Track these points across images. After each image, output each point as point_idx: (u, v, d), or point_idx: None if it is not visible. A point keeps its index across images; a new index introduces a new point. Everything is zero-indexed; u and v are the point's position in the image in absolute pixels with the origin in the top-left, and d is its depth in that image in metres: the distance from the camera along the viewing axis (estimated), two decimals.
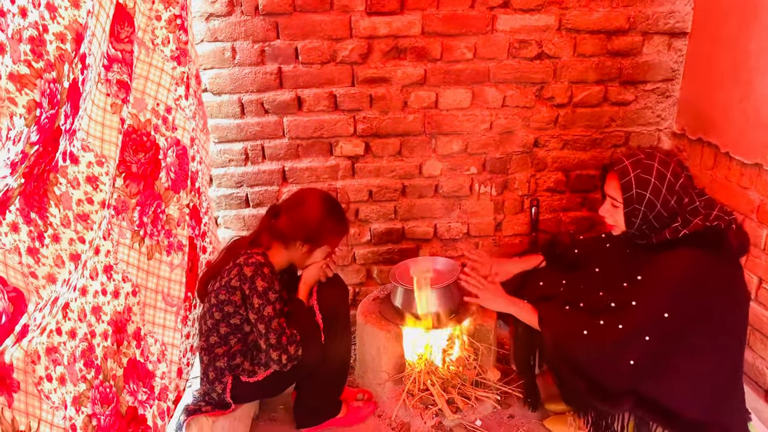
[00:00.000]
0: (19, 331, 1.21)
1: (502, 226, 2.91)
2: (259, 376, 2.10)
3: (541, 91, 2.66)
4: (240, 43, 2.48)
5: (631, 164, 1.84)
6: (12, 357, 1.26)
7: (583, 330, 1.91)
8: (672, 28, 2.59)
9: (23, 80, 1.11)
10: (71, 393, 1.46)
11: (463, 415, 2.34)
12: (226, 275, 2.05)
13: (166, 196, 1.91)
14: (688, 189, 1.83)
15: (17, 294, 1.20)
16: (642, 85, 2.69)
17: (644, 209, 1.83)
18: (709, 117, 2.50)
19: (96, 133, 1.55)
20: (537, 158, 2.79)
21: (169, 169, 1.90)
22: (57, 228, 1.40)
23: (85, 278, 1.54)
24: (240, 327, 2.09)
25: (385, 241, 2.90)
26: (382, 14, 2.47)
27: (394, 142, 2.71)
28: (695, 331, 1.81)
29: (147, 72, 1.80)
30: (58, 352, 1.41)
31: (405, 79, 2.59)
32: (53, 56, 1.19)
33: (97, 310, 1.60)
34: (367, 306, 2.65)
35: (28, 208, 1.31)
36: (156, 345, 1.93)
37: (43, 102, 1.16)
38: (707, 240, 1.79)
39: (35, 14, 1.16)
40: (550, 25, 2.55)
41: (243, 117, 2.61)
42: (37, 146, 1.20)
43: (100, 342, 1.61)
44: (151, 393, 1.86)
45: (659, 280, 1.84)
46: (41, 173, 1.34)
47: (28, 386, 1.30)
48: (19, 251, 1.26)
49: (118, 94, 1.62)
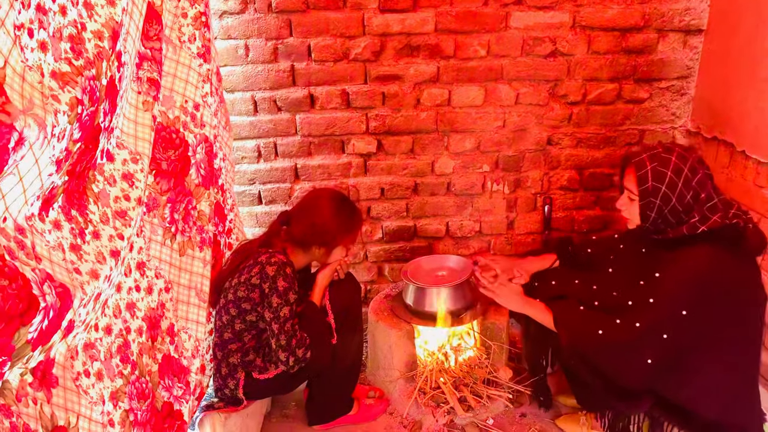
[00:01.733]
0: (65, 326, 1.23)
1: (515, 224, 2.90)
2: (270, 373, 2.10)
3: (555, 88, 2.65)
4: (253, 40, 2.49)
5: (648, 157, 1.83)
6: (56, 352, 1.28)
7: (599, 329, 1.90)
8: (687, 25, 2.56)
9: (65, 78, 1.12)
10: (108, 388, 1.48)
11: (475, 414, 2.34)
12: (245, 272, 2.06)
13: (196, 192, 1.92)
14: (706, 185, 1.81)
15: (63, 289, 1.21)
16: (657, 83, 2.67)
17: (659, 203, 1.82)
18: (724, 115, 2.47)
19: (129, 131, 1.57)
20: (550, 156, 2.78)
21: (198, 166, 1.92)
22: (97, 225, 1.42)
23: (120, 275, 1.56)
24: (255, 324, 2.10)
25: (397, 238, 2.90)
26: (396, 11, 2.47)
27: (407, 140, 2.70)
28: (713, 329, 1.79)
29: (175, 69, 1.82)
30: (94, 348, 1.44)
31: (418, 77, 2.59)
32: (92, 54, 1.21)
33: (132, 306, 1.62)
34: (379, 304, 2.65)
35: (69, 205, 1.33)
36: (190, 341, 1.94)
37: (84, 99, 1.17)
38: (726, 237, 1.77)
39: (74, 12, 1.17)
40: (564, 22, 2.53)
41: (256, 114, 2.62)
42: (79, 143, 1.22)
43: (135, 338, 1.63)
44: (187, 388, 1.88)
45: (678, 277, 1.83)
46: (82, 171, 1.35)
47: (66, 382, 1.33)
48: (63, 248, 1.28)
49: (149, 91, 1.64)
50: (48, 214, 1.25)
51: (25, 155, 1.03)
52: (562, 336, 1.99)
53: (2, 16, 0.95)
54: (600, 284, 2.12)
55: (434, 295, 2.45)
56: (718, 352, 1.82)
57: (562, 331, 2.01)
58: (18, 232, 1.12)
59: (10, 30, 0.97)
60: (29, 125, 1.00)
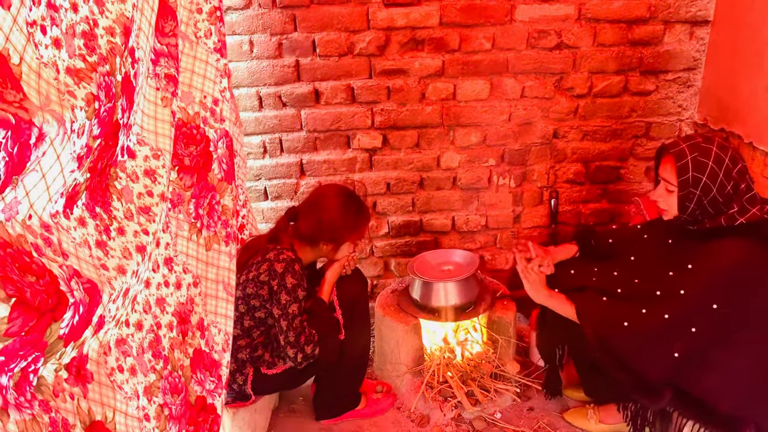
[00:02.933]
0: (96, 322, 1.25)
1: (521, 218, 2.90)
2: (278, 368, 2.11)
3: (561, 81, 2.64)
4: (257, 36, 2.48)
5: (689, 147, 1.78)
6: (89, 348, 1.30)
7: (624, 321, 1.88)
8: (694, 16, 2.55)
9: (80, 74, 1.13)
10: (142, 383, 1.50)
11: (482, 408, 2.34)
12: (254, 269, 2.06)
13: (219, 187, 1.93)
14: (745, 176, 1.77)
15: (91, 285, 1.23)
16: (663, 75, 2.66)
17: (700, 193, 1.77)
18: (732, 107, 2.46)
19: (149, 127, 1.57)
20: (556, 149, 2.77)
21: (221, 161, 1.92)
22: (121, 221, 1.43)
23: (148, 270, 1.57)
24: (264, 320, 2.10)
25: (403, 233, 2.90)
26: (400, 5, 2.46)
27: (412, 134, 2.70)
28: (740, 324, 1.77)
29: (192, 65, 1.82)
30: (126, 344, 1.45)
31: (423, 71, 2.58)
32: (105, 50, 1.22)
33: (161, 302, 1.64)
34: (386, 298, 2.65)
35: (93, 202, 1.34)
36: (220, 335, 1.95)
37: (100, 95, 1.18)
38: (762, 231, 1.74)
39: (85, 9, 1.18)
40: (569, 14, 2.52)
41: (261, 110, 2.62)
42: (99, 140, 1.23)
43: (166, 333, 1.65)
44: (219, 382, 1.89)
45: (712, 270, 1.79)
46: (104, 168, 1.37)
47: (101, 377, 1.34)
48: (89, 244, 1.29)
49: (167, 87, 1.65)
50: (72, 211, 1.26)
51: (46, 151, 1.04)
52: (587, 329, 1.96)
53: (14, 13, 0.95)
54: (621, 271, 2.09)
55: (441, 290, 2.45)
56: (742, 346, 1.79)
57: (585, 323, 1.97)
58: (44, 229, 1.13)
59: (23, 27, 0.98)
60: (48, 121, 1.00)
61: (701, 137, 1.82)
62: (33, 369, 1.15)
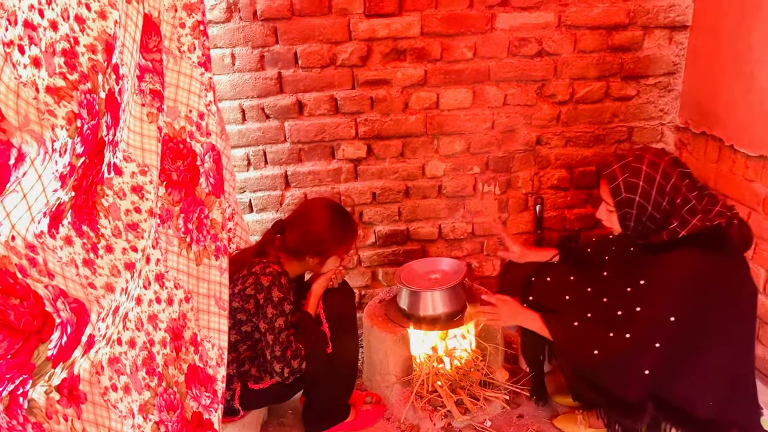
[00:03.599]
0: (86, 341, 1.24)
1: (507, 224, 2.90)
2: (266, 383, 2.10)
3: (543, 88, 2.65)
4: (239, 49, 2.48)
5: (620, 168, 1.83)
6: (80, 368, 1.29)
7: (595, 349, 1.91)
8: (672, 21, 2.57)
9: (60, 92, 1.13)
10: (137, 401, 1.49)
11: (472, 416, 2.34)
12: (240, 283, 2.05)
13: (208, 201, 1.93)
14: (680, 189, 1.80)
15: (79, 305, 1.23)
16: (644, 80, 2.68)
17: (636, 212, 1.83)
18: (712, 110, 2.48)
19: (136, 143, 1.57)
20: (540, 156, 2.78)
21: (208, 175, 1.92)
22: (109, 239, 1.43)
23: (139, 287, 1.57)
24: (250, 335, 2.09)
25: (390, 242, 2.90)
26: (381, 16, 2.47)
27: (397, 144, 2.70)
28: (704, 331, 1.80)
29: (177, 80, 1.82)
30: (120, 362, 1.45)
31: (405, 81, 2.59)
32: (86, 67, 1.21)
33: (153, 319, 1.63)
34: (374, 308, 2.64)
35: (79, 221, 1.33)
36: (214, 349, 1.94)
37: (82, 113, 1.17)
38: (708, 239, 1.77)
39: (65, 27, 1.17)
40: (549, 22, 2.54)
41: (244, 123, 2.61)
42: (83, 158, 1.22)
43: (160, 350, 1.64)
44: (215, 397, 1.88)
45: (662, 284, 1.83)
46: (90, 186, 1.36)
47: (94, 397, 1.33)
48: (76, 263, 1.29)
49: (152, 103, 1.64)
50: (58, 230, 1.25)
51: (27, 171, 1.03)
52: (561, 360, 2.01)
53: None
54: (594, 287, 2.12)
55: (428, 299, 2.45)
56: (710, 352, 1.82)
57: (560, 355, 2.03)
58: (29, 250, 1.12)
59: None
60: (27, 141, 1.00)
61: (633, 155, 1.85)
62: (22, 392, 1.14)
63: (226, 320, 1.95)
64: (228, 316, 1.98)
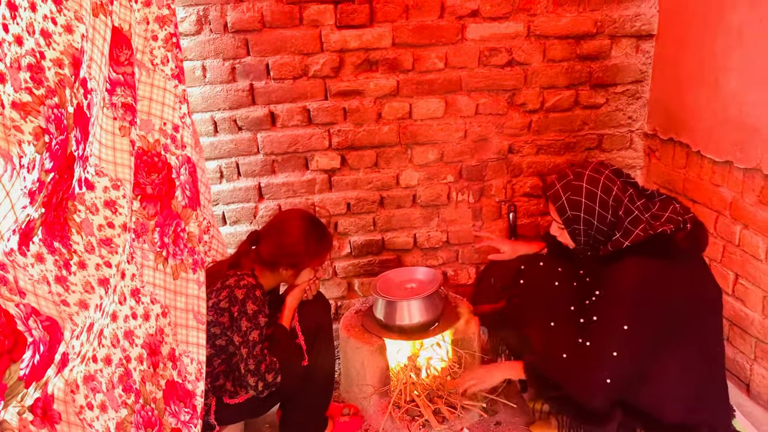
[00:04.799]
0: (59, 360, 1.21)
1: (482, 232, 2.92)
2: (241, 397, 2.08)
3: (513, 97, 2.68)
4: (210, 61, 2.47)
5: (562, 188, 1.91)
6: (54, 387, 1.26)
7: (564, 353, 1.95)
8: (639, 30, 2.63)
9: (26, 108, 1.11)
10: (114, 419, 1.47)
11: (449, 425, 2.34)
12: (213, 296, 2.03)
13: (184, 214, 1.91)
14: (622, 200, 1.85)
15: (51, 323, 1.20)
16: (612, 88, 2.72)
17: (583, 227, 1.89)
18: (679, 117, 2.53)
19: (108, 158, 1.55)
20: (512, 164, 2.81)
21: (183, 187, 1.90)
22: (82, 255, 1.40)
23: (114, 303, 1.54)
24: (225, 348, 2.07)
25: (366, 253, 2.89)
26: (352, 27, 2.47)
27: (370, 154, 2.71)
28: (661, 336, 1.83)
29: (150, 93, 1.80)
30: (95, 380, 1.42)
31: (378, 91, 2.60)
32: (53, 82, 1.20)
33: (130, 335, 1.61)
34: (350, 319, 2.64)
35: (51, 237, 1.31)
36: (192, 364, 1.92)
37: (50, 128, 1.16)
38: (654, 246, 1.82)
39: (31, 41, 1.16)
40: (519, 32, 2.57)
41: (216, 135, 2.60)
42: (52, 173, 1.21)
43: (137, 366, 1.62)
44: (194, 413, 1.86)
45: (611, 294, 1.88)
46: (60, 201, 1.34)
47: (69, 416, 1.31)
48: (48, 281, 1.27)
49: (124, 116, 1.62)
50: (29, 247, 1.23)
51: None
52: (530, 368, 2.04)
53: None
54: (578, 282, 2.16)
55: (405, 308, 2.46)
56: (674, 356, 1.85)
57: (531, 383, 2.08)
58: None
59: None
60: None
61: (573, 174, 1.92)
62: None
63: (204, 334, 1.93)
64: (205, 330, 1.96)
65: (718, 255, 2.39)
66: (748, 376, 2.34)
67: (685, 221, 1.84)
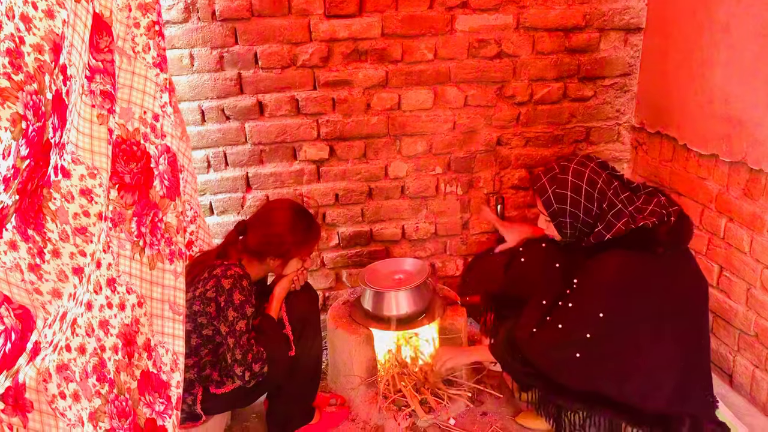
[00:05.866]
0: (31, 348, 1.20)
1: (469, 224, 2.93)
2: (227, 387, 2.07)
3: (502, 89, 2.69)
4: (198, 49, 2.45)
5: (548, 181, 1.92)
6: (26, 376, 1.25)
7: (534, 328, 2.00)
8: (627, 24, 2.63)
9: (4, 93, 1.09)
10: (87, 409, 1.45)
11: (436, 415, 2.35)
12: (200, 286, 2.02)
13: (162, 204, 1.89)
14: (606, 193, 1.87)
15: (24, 311, 1.19)
16: (600, 81, 2.73)
17: (569, 220, 1.91)
18: (666, 110, 2.55)
19: (85, 146, 1.53)
20: (501, 156, 2.81)
21: (162, 177, 1.88)
22: (56, 243, 1.39)
23: (89, 293, 1.53)
24: (212, 338, 2.06)
25: (354, 244, 2.89)
26: (341, 17, 2.46)
27: (359, 145, 2.70)
28: (641, 327, 1.86)
29: (131, 81, 1.78)
30: (68, 369, 1.41)
31: (367, 82, 2.59)
32: (32, 68, 1.18)
33: (105, 324, 1.59)
34: (337, 310, 2.64)
35: (25, 225, 1.29)
36: (168, 355, 1.91)
37: (27, 114, 1.14)
38: (634, 240, 1.85)
39: (11, 26, 1.14)
40: (508, 24, 2.57)
41: (204, 124, 2.58)
42: (28, 160, 1.19)
43: (111, 356, 1.60)
44: (169, 403, 1.85)
45: (589, 285, 1.92)
46: (35, 189, 1.32)
47: (41, 405, 1.29)
48: (21, 268, 1.25)
49: (103, 104, 1.60)
50: (1, 235, 1.22)
51: None
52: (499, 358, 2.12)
53: None
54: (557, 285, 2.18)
55: (392, 299, 2.46)
56: (657, 347, 1.88)
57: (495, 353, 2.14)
58: None
59: None
60: None
61: (559, 167, 1.93)
62: None
63: (181, 325, 1.92)
64: (184, 321, 1.95)
65: (703, 248, 2.41)
66: (731, 367, 2.37)
67: (669, 214, 1.85)
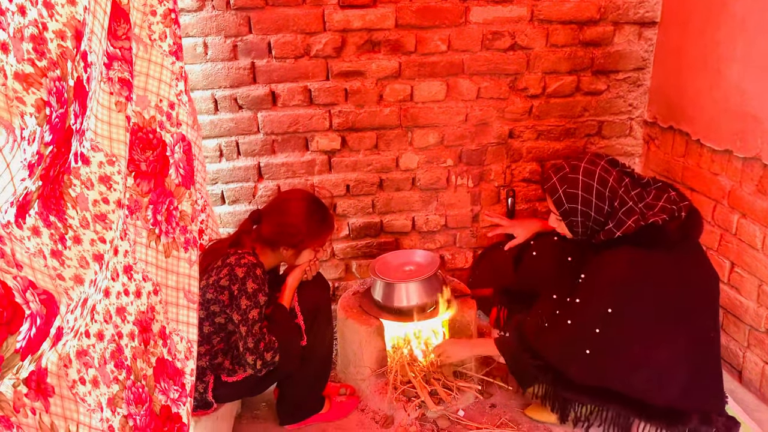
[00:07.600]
0: (54, 334, 1.21)
1: (479, 217, 2.93)
2: (239, 375, 2.08)
3: (515, 82, 2.68)
4: (212, 38, 2.45)
5: (558, 180, 1.93)
6: (48, 361, 1.27)
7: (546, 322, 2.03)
8: (642, 17, 2.62)
9: (29, 79, 1.10)
10: (105, 395, 1.47)
11: (445, 407, 2.36)
12: (214, 274, 2.03)
13: (177, 192, 1.90)
14: (617, 191, 1.88)
15: (48, 296, 1.20)
16: (614, 75, 2.73)
17: (581, 219, 1.92)
18: (679, 105, 2.54)
19: (104, 133, 1.54)
20: (512, 149, 2.81)
21: (177, 166, 1.89)
22: (77, 229, 1.40)
23: (107, 279, 1.54)
24: (224, 326, 2.07)
25: (364, 235, 2.90)
26: (356, 7, 2.46)
27: (371, 136, 2.70)
28: (650, 322, 1.87)
29: (147, 68, 1.79)
30: (88, 355, 1.42)
31: (380, 73, 2.58)
32: (55, 54, 1.18)
33: (122, 311, 1.61)
34: (348, 301, 2.65)
35: (47, 211, 1.30)
36: (182, 343, 1.92)
37: (51, 101, 1.15)
38: (644, 237, 1.85)
39: (34, 12, 1.14)
40: (522, 16, 2.56)
41: (216, 113, 2.58)
42: (51, 146, 1.20)
43: (128, 342, 1.62)
44: (183, 390, 1.86)
45: (598, 281, 1.93)
46: (56, 175, 1.33)
47: (62, 390, 1.31)
48: (44, 254, 1.26)
49: (121, 92, 1.61)
50: (25, 220, 1.22)
51: None
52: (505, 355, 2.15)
53: None
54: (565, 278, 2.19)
55: (402, 290, 2.46)
56: (666, 342, 1.89)
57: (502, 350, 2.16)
58: None
59: None
60: None
61: (569, 166, 1.94)
62: None
63: (195, 313, 1.94)
64: (198, 309, 1.96)
65: (714, 243, 2.41)
66: (741, 363, 2.37)
67: (680, 209, 1.86)
